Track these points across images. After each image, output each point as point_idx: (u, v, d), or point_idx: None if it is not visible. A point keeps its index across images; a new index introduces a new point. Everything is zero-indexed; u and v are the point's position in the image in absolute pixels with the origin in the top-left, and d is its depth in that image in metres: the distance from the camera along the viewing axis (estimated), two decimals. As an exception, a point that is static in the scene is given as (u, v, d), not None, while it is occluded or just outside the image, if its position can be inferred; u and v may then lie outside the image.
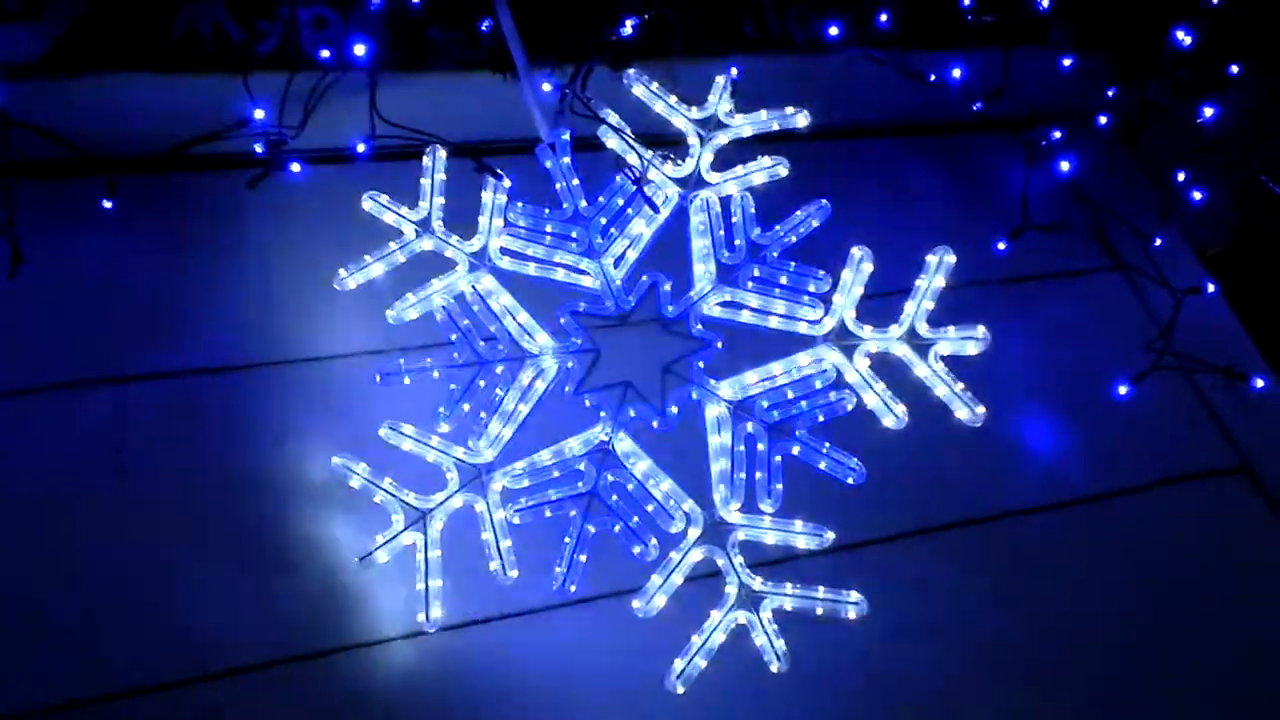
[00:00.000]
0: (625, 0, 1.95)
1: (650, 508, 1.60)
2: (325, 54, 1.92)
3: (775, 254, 1.66)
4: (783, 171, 1.67)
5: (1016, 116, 2.47)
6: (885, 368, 1.61)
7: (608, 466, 1.62)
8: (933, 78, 2.29)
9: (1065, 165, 2.30)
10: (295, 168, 1.93)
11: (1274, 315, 2.47)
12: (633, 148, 1.67)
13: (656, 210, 1.68)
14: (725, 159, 1.70)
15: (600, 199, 1.69)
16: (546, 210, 1.70)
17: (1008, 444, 2.10)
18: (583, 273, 1.68)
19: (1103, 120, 2.34)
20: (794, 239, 1.66)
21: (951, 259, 1.60)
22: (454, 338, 1.65)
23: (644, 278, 1.68)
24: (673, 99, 1.70)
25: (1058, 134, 2.34)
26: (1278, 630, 2.00)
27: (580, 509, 1.60)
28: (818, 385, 1.62)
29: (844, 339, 1.62)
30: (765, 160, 1.67)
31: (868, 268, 1.60)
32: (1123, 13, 2.37)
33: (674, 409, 1.65)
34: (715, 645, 1.55)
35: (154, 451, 1.76)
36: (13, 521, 1.68)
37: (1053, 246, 2.35)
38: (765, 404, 1.63)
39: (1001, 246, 2.32)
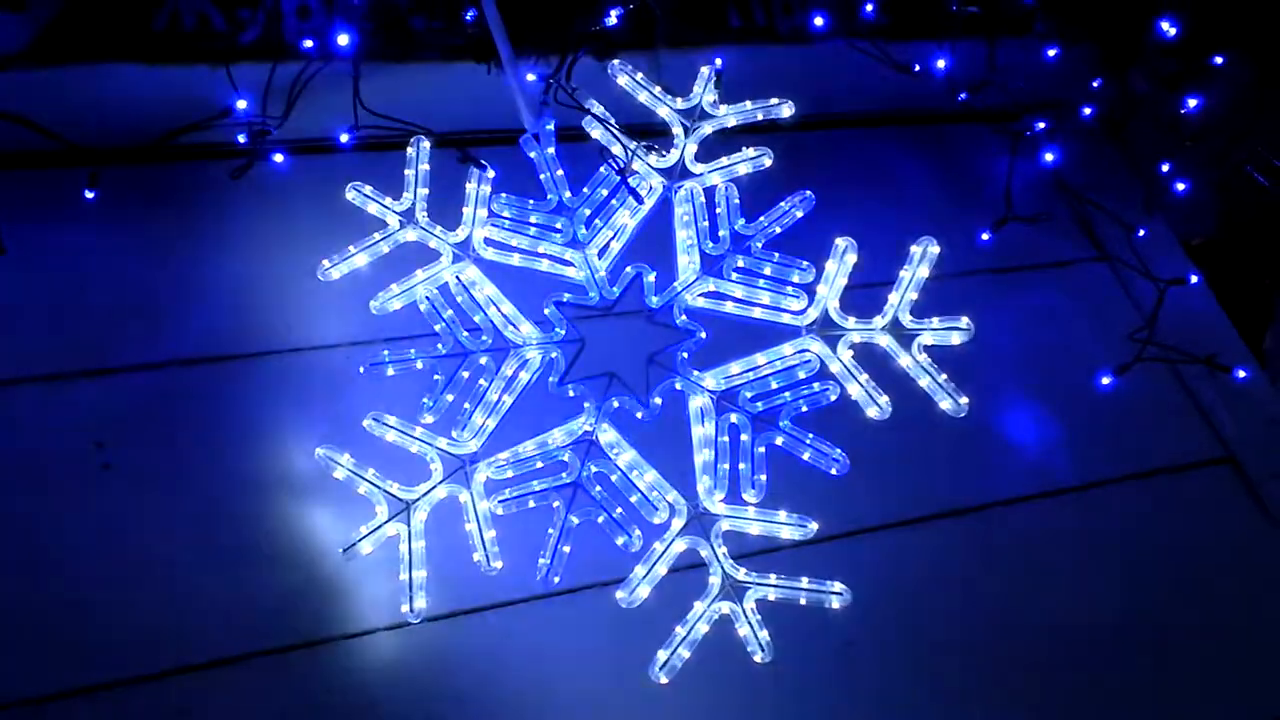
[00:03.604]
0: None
1: (634, 498, 1.61)
2: (308, 44, 1.91)
3: (759, 245, 1.66)
4: (767, 162, 1.67)
5: (1001, 107, 2.46)
6: (869, 358, 1.62)
7: (591, 457, 1.62)
8: (917, 68, 2.29)
9: (1050, 156, 2.30)
10: (279, 158, 1.92)
11: (1258, 306, 2.48)
12: (617, 138, 1.67)
13: (641, 201, 1.68)
14: (710, 150, 1.70)
15: (585, 190, 1.69)
16: (531, 201, 1.69)
17: (991, 435, 2.10)
18: (567, 263, 1.68)
19: (1087, 111, 2.34)
20: (778, 230, 1.66)
21: (935, 250, 1.60)
22: (438, 328, 1.65)
23: (628, 269, 1.68)
24: (657, 89, 1.70)
25: (1042, 125, 2.33)
26: (1262, 619, 2.02)
27: (564, 500, 1.60)
28: (801, 376, 1.63)
29: (828, 329, 1.62)
30: (750, 151, 1.67)
31: (852, 258, 1.61)
32: (1108, 3, 2.37)
33: (658, 400, 1.65)
34: (699, 636, 1.55)
35: (136, 443, 1.75)
36: (-6, 513, 1.67)
37: (1037, 237, 2.35)
38: (749, 395, 1.63)
39: (985, 237, 2.32)
